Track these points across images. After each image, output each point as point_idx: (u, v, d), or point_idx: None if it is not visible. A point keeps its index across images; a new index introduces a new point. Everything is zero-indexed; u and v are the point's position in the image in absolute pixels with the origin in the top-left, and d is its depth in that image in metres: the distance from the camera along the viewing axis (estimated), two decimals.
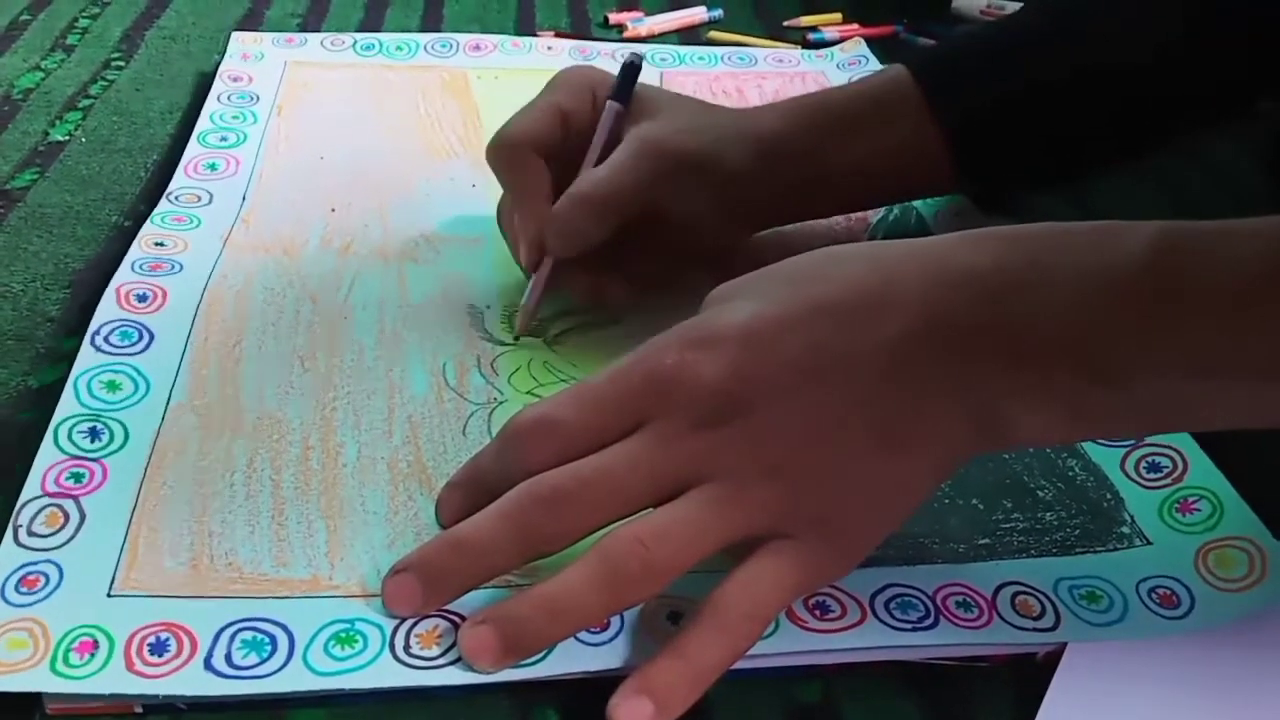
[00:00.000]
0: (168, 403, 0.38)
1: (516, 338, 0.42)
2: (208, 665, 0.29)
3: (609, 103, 0.43)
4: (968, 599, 0.33)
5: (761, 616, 0.30)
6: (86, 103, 0.59)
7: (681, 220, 0.42)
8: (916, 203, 0.51)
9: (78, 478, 0.34)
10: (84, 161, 0.54)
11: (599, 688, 0.30)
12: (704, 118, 0.44)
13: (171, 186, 0.50)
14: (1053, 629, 0.32)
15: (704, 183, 0.41)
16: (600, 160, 0.42)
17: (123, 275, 0.43)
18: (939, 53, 0.46)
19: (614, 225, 0.41)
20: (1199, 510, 0.36)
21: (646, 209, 0.41)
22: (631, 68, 0.43)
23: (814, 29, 0.71)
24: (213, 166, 0.52)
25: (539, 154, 0.42)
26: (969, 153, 0.44)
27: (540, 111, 0.43)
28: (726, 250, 0.42)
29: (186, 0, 0.71)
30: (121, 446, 0.36)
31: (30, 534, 0.32)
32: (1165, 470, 0.37)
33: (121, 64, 0.63)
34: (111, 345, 0.40)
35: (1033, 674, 0.31)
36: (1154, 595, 0.33)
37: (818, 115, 0.44)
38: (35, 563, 0.31)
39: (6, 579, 0.31)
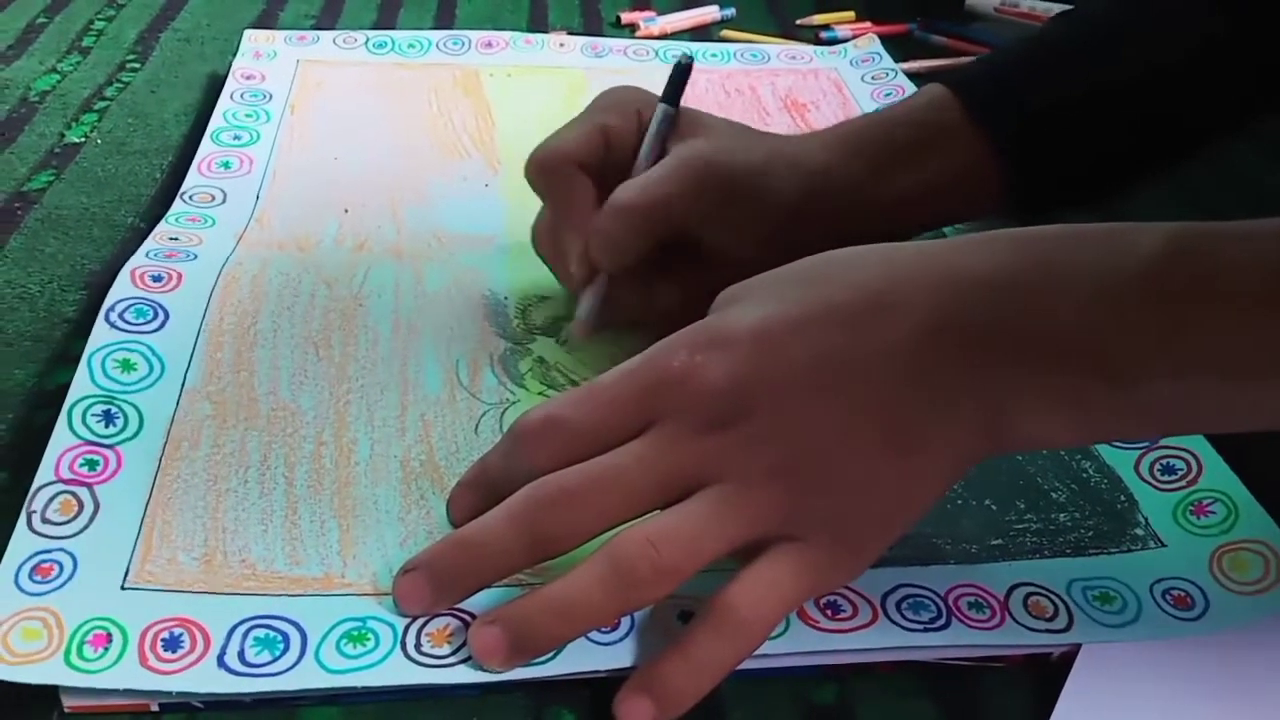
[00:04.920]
0: (182, 387, 0.38)
1: (563, 342, 0.41)
2: (221, 662, 0.29)
3: (660, 105, 0.41)
4: (980, 600, 0.33)
5: (767, 618, 0.30)
6: (102, 105, 0.59)
7: (725, 245, 0.40)
8: None
9: (92, 465, 0.34)
10: (99, 163, 0.54)
11: (614, 688, 0.30)
12: (752, 140, 0.42)
13: (185, 185, 0.50)
14: (1065, 630, 0.32)
15: (750, 205, 0.40)
16: (651, 165, 0.40)
17: (137, 260, 0.43)
18: (981, 71, 0.44)
19: (656, 236, 0.39)
20: (1214, 513, 0.35)
21: (691, 229, 0.40)
22: (682, 69, 0.42)
23: (826, 27, 0.71)
24: (226, 165, 0.52)
25: (581, 170, 0.41)
26: (1019, 172, 0.42)
27: (582, 128, 0.41)
28: None
29: (201, 2, 0.72)
30: (136, 433, 0.36)
31: (44, 521, 0.32)
32: (1180, 473, 0.37)
33: (137, 66, 0.64)
34: (126, 322, 0.40)
35: (1047, 674, 0.31)
36: (1168, 597, 0.33)
37: (862, 146, 0.42)
38: (49, 550, 0.32)
39: (20, 566, 0.31)
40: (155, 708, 0.29)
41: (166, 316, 0.41)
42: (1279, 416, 0.29)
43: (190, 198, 0.49)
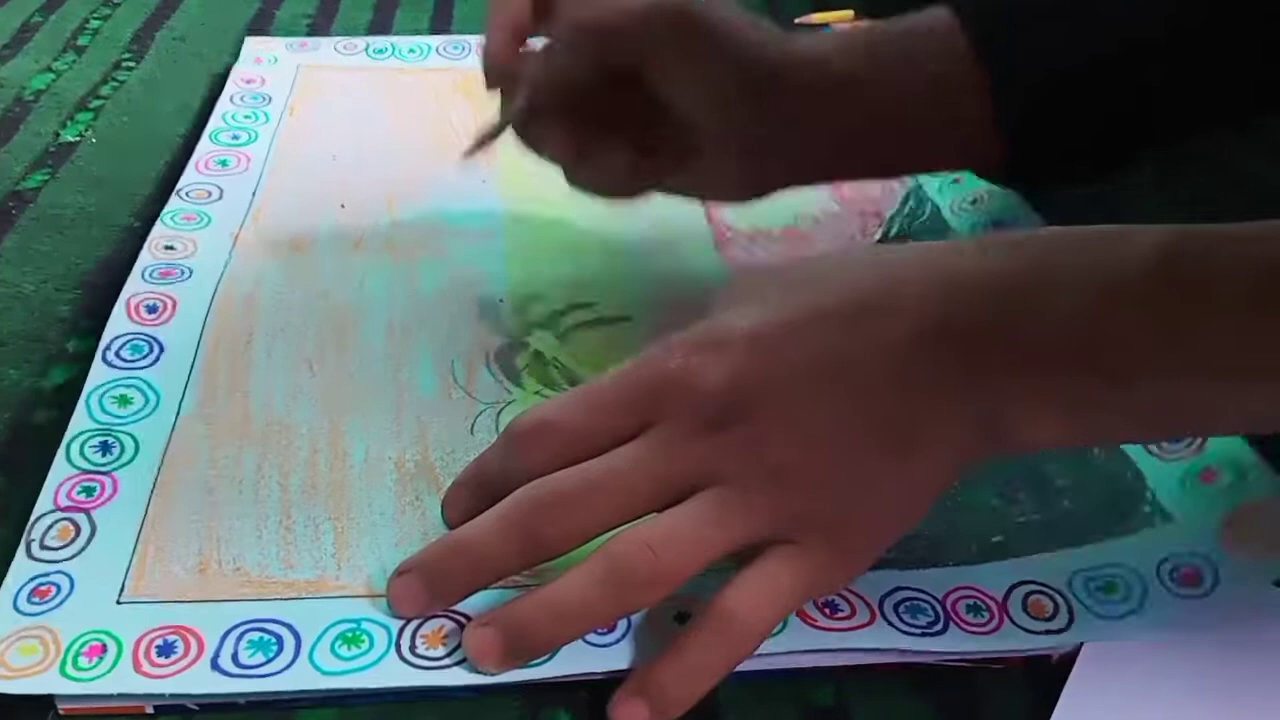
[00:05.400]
0: (177, 413, 0.38)
1: (464, 158, 0.41)
2: (214, 665, 0.29)
3: None
4: (978, 603, 0.32)
5: (764, 621, 0.29)
6: (97, 104, 0.59)
7: (681, 100, 0.38)
8: (932, 194, 0.51)
9: (89, 491, 0.34)
10: (94, 162, 0.54)
11: (611, 689, 0.30)
12: (748, 12, 0.39)
13: (182, 183, 0.50)
14: (1065, 630, 0.32)
15: (718, 63, 0.37)
16: None
17: (133, 286, 0.43)
18: (985, 4, 0.41)
19: (597, 62, 0.37)
20: (1222, 478, 0.35)
21: (648, 78, 0.37)
22: None
23: (825, 27, 0.71)
24: (224, 163, 0.52)
25: None
26: (1003, 86, 0.39)
27: None
28: (722, 174, 0.38)
29: (197, 2, 0.72)
30: (132, 459, 0.36)
31: (43, 547, 0.32)
32: (1185, 442, 0.37)
33: (132, 65, 0.63)
34: (123, 360, 0.40)
35: (1047, 675, 0.31)
36: (1175, 575, 0.33)
37: (866, 46, 0.40)
38: (47, 574, 0.32)
39: (19, 590, 0.31)
40: (150, 710, 0.29)
41: (161, 350, 0.41)
42: (1278, 419, 0.29)
43: (186, 194, 0.49)
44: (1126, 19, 0.42)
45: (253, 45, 0.64)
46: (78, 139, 0.56)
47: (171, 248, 0.46)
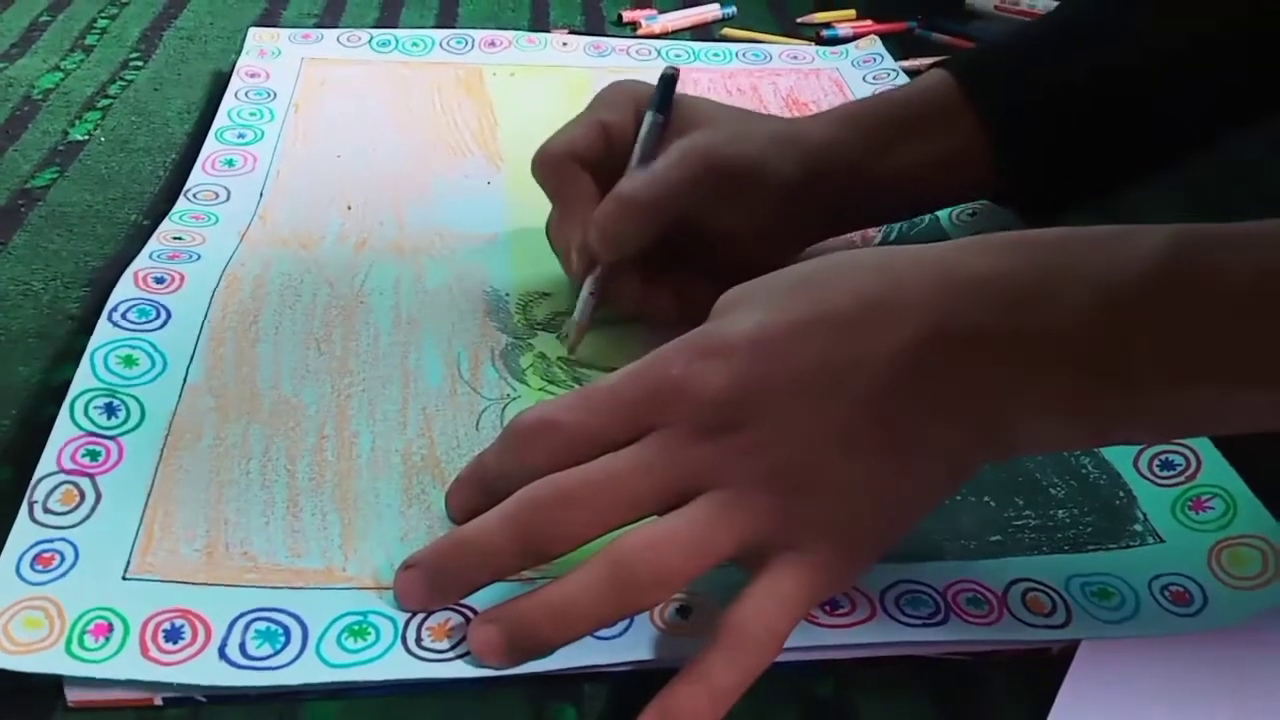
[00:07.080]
0: (184, 381, 0.38)
1: (570, 354, 0.41)
2: (222, 654, 0.30)
3: (649, 114, 0.42)
4: (978, 595, 0.33)
5: (777, 634, 0.29)
6: (105, 102, 0.59)
7: (728, 232, 0.41)
8: None
9: (94, 455, 0.35)
10: (103, 161, 0.54)
11: (615, 686, 0.30)
12: (750, 127, 0.43)
13: (189, 183, 0.50)
14: (1064, 625, 0.32)
15: (752, 193, 0.41)
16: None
17: (140, 262, 0.44)
18: (978, 52, 0.45)
19: (657, 229, 0.40)
20: (1212, 508, 0.36)
21: (692, 219, 0.40)
22: (668, 79, 0.43)
23: (828, 25, 0.71)
24: (230, 163, 0.52)
25: (582, 166, 0.42)
26: (1009, 150, 0.43)
27: (582, 125, 0.43)
28: (774, 266, 0.42)
29: (203, 1, 0.72)
30: (138, 425, 0.36)
31: (46, 511, 0.32)
32: (1178, 468, 0.37)
33: (140, 64, 0.64)
34: (129, 321, 0.40)
35: (1047, 668, 0.31)
36: (1166, 593, 0.33)
37: (863, 124, 0.43)
38: (51, 540, 0.32)
39: (22, 555, 0.31)
40: (159, 701, 0.29)
41: (169, 316, 0.41)
42: (1278, 421, 0.29)
43: (194, 195, 0.49)
44: (1110, 49, 0.43)
45: (256, 37, 0.64)
46: (86, 138, 0.56)
47: (180, 238, 0.46)
